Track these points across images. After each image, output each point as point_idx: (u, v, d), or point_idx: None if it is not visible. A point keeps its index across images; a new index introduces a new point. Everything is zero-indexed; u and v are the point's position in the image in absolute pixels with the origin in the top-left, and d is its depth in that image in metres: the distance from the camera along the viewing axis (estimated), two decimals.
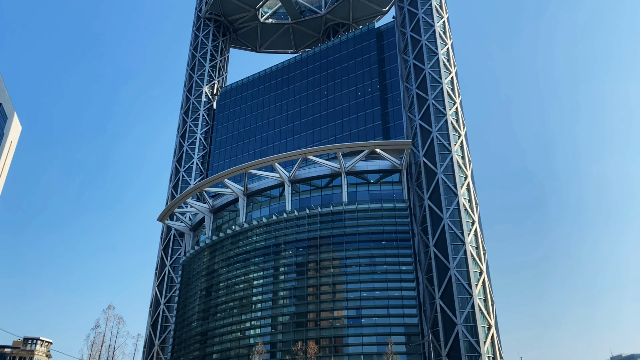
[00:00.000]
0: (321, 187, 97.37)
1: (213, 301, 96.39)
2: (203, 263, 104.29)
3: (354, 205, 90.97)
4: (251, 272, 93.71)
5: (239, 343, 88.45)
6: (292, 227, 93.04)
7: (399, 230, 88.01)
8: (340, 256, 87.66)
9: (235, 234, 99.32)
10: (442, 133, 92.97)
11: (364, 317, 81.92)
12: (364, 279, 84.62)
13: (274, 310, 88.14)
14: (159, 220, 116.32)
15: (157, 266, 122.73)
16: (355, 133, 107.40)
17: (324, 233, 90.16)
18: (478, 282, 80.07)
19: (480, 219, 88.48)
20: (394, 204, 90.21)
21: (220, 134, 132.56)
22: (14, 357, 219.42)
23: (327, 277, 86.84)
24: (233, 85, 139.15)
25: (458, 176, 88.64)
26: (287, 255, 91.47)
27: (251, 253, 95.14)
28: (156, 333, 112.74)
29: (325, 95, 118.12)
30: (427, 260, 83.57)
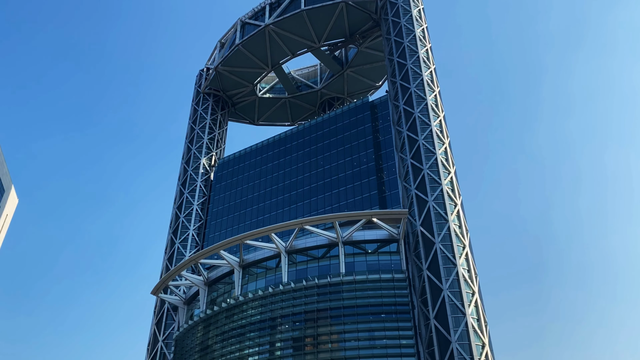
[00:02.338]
0: (318, 258, 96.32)
1: None
2: (197, 338, 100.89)
3: (352, 276, 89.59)
4: (246, 347, 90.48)
5: None
6: (289, 300, 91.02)
7: (398, 302, 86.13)
8: (339, 330, 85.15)
9: (230, 307, 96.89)
10: (439, 202, 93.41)
11: None
12: (363, 354, 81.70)
13: None
14: (152, 294, 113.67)
15: (149, 342, 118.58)
16: (351, 202, 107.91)
17: (322, 306, 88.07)
18: (481, 356, 77.45)
19: (480, 289, 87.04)
20: (393, 274, 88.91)
21: (217, 204, 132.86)
22: None
23: (325, 352, 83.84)
24: (230, 157, 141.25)
25: (456, 246, 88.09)
26: (283, 329, 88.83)
27: (246, 327, 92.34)
28: None
29: (322, 165, 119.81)
30: (428, 334, 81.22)
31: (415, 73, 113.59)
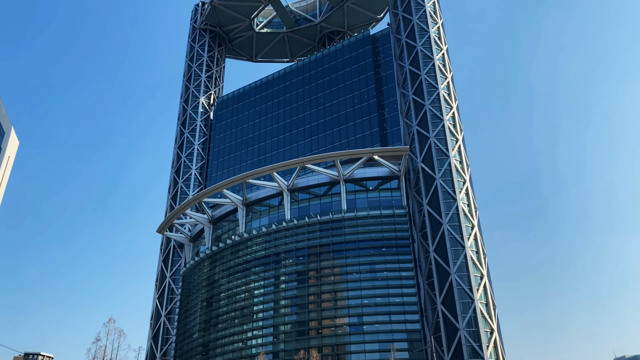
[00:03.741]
0: (320, 195, 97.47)
1: (214, 312, 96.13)
2: (203, 274, 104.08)
3: (353, 212, 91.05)
4: (252, 281, 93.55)
5: (241, 353, 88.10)
6: (292, 236, 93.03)
7: (399, 237, 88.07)
8: (341, 264, 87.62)
9: (235, 244, 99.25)
10: (440, 138, 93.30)
11: (366, 324, 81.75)
12: (364, 285, 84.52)
13: (275, 319, 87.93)
14: (158, 232, 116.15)
15: (157, 278, 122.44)
16: (352, 140, 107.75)
17: (324, 241, 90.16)
18: (479, 287, 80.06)
19: (480, 224, 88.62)
20: (393, 210, 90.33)
21: (218, 144, 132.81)
22: None
23: (328, 284, 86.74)
24: (229, 95, 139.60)
25: (456, 181, 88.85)
26: (287, 264, 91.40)
27: (251, 263, 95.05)
28: (157, 345, 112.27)
29: (322, 103, 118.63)
30: (428, 266, 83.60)
31: (417, 4, 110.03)
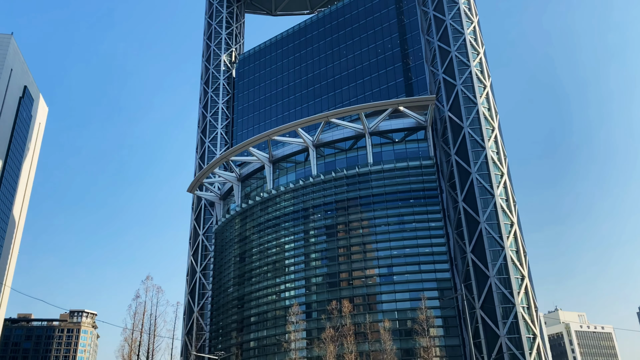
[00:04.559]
0: (346, 150, 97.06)
1: (247, 266, 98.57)
2: (235, 230, 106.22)
3: (380, 165, 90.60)
4: (282, 236, 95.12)
5: (275, 305, 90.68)
6: (319, 191, 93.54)
7: (427, 188, 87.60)
8: (369, 217, 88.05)
9: (264, 200, 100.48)
10: (467, 85, 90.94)
11: (396, 274, 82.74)
12: (393, 237, 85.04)
13: (306, 272, 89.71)
14: (188, 192, 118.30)
15: (190, 236, 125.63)
16: (377, 92, 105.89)
17: (351, 195, 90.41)
18: (509, 234, 79.63)
19: (510, 172, 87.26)
20: (420, 161, 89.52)
21: (242, 102, 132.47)
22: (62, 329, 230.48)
23: (356, 237, 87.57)
24: (251, 52, 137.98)
25: (485, 129, 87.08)
26: (316, 218, 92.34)
27: (281, 218, 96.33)
28: (194, 300, 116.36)
29: (345, 55, 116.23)
30: (457, 216, 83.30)
31: None
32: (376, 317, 79.66)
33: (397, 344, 74.82)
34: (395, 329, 76.94)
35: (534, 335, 73.99)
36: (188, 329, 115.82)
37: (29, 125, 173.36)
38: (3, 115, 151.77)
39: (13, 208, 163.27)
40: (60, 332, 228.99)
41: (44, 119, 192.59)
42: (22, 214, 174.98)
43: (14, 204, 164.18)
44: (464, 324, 76.06)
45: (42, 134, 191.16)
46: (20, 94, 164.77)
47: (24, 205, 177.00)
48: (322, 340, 71.22)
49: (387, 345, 67.76)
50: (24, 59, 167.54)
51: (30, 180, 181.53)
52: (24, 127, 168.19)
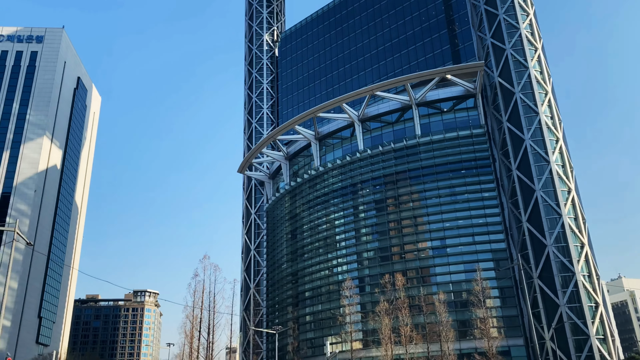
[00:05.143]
0: (392, 123, 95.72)
1: (299, 243, 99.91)
2: (285, 208, 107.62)
3: (428, 136, 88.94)
4: (332, 212, 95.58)
5: (329, 280, 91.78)
6: (367, 166, 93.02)
7: (478, 157, 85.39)
8: (419, 189, 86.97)
9: (312, 177, 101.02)
10: (517, 49, 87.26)
11: (449, 246, 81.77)
12: (445, 209, 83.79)
13: (358, 247, 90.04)
14: (239, 172, 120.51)
15: (243, 215, 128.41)
16: (423, 61, 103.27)
17: (400, 168, 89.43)
18: (567, 201, 76.81)
19: (565, 137, 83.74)
20: (471, 130, 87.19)
21: (286, 80, 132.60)
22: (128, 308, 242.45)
23: (407, 211, 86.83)
24: (292, 29, 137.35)
25: (538, 93, 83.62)
26: (364, 193, 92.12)
27: (329, 195, 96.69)
28: (250, 277, 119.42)
29: (388, 25, 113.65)
30: (511, 185, 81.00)
31: None
32: (430, 290, 79.24)
33: (453, 315, 74.34)
34: (450, 300, 76.42)
35: (596, 304, 71.69)
36: (246, 305, 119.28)
37: (84, 115, 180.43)
38: (60, 106, 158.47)
39: (75, 195, 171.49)
40: (125, 311, 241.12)
41: (98, 108, 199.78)
42: (83, 200, 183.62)
43: (76, 191, 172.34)
44: (521, 294, 74.57)
45: (97, 122, 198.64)
46: (75, 86, 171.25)
47: (85, 192, 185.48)
48: (376, 313, 71.65)
49: (442, 317, 67.45)
50: (75, 51, 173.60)
51: (89, 168, 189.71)
52: (80, 117, 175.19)
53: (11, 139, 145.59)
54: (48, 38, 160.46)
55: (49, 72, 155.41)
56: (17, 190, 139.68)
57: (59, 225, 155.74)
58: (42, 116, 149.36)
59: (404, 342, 66.62)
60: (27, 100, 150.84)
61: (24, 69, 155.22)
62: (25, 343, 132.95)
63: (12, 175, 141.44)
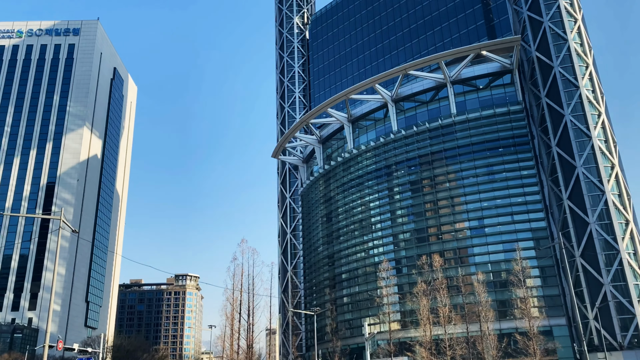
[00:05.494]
0: (426, 102, 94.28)
1: (334, 226, 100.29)
2: (320, 192, 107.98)
3: (464, 115, 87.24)
4: (366, 195, 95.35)
5: (365, 262, 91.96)
6: (401, 147, 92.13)
7: (516, 135, 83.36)
8: (455, 169, 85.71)
9: (346, 160, 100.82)
10: (555, 21, 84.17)
11: (487, 226, 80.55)
12: (483, 189, 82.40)
13: (394, 228, 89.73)
14: (273, 157, 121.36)
15: (278, 199, 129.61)
16: (457, 38, 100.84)
17: (435, 148, 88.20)
18: (610, 177, 74.37)
19: (608, 111, 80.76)
20: (508, 107, 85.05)
21: (317, 63, 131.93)
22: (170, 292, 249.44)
23: (443, 191, 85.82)
24: (322, 11, 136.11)
25: (578, 66, 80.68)
26: (399, 175, 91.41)
27: (364, 177, 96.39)
28: (287, 260, 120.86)
29: (420, 2, 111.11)
30: (551, 162, 78.90)
31: None
32: (469, 270, 78.48)
33: (492, 295, 73.52)
34: (489, 281, 75.56)
35: None
36: (284, 287, 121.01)
37: (121, 105, 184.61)
38: (98, 97, 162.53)
39: (116, 183, 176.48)
40: (168, 295, 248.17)
41: (134, 97, 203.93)
42: (124, 188, 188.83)
43: (116, 179, 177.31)
44: (562, 273, 73.06)
45: (134, 111, 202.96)
46: (111, 76, 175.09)
47: (125, 180, 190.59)
48: (414, 294, 71.53)
49: (481, 297, 66.78)
50: (110, 42, 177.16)
51: (129, 156, 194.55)
52: (117, 107, 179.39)
53: (53, 131, 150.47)
54: (84, 30, 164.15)
55: (87, 64, 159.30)
56: (61, 180, 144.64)
57: (102, 213, 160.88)
58: (82, 107, 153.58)
59: (443, 322, 66.36)
60: (67, 92, 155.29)
61: (63, 62, 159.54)
62: (75, 326, 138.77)
63: (56, 165, 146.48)
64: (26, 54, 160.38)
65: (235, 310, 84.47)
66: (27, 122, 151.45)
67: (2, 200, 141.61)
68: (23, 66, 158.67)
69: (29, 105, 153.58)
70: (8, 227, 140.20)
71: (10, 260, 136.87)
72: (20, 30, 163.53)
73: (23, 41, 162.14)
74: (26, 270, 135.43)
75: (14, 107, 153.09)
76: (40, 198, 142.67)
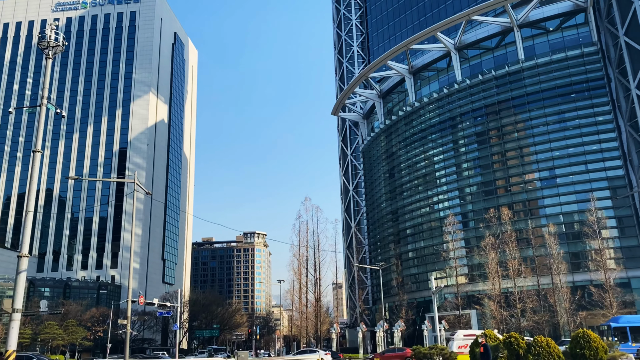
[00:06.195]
0: (492, 48, 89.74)
1: (397, 181, 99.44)
2: (381, 147, 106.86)
3: (533, 60, 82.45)
4: (430, 149, 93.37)
5: (430, 217, 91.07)
6: (466, 97, 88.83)
7: (591, 78, 78.06)
8: (524, 118, 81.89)
9: (408, 114, 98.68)
10: None
11: (559, 176, 77.07)
12: (554, 137, 78.44)
13: (459, 182, 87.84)
14: (333, 114, 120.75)
15: (339, 157, 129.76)
16: None
17: (502, 97, 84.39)
18: None
19: None
20: (582, 49, 79.46)
21: (375, 14, 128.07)
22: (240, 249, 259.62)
23: (512, 142, 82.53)
24: None
25: None
26: (464, 127, 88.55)
27: (427, 130, 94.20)
28: (350, 216, 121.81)
29: None
30: (630, 105, 73.47)
31: None
32: (539, 222, 75.89)
33: (565, 247, 71.06)
34: (561, 232, 72.82)
35: None
36: (348, 243, 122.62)
37: (184, 69, 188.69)
38: (161, 62, 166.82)
39: (183, 146, 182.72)
40: (238, 252, 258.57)
41: (195, 61, 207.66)
42: (191, 150, 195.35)
43: (183, 142, 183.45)
44: None
45: (196, 75, 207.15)
46: (172, 41, 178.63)
47: (192, 143, 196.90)
48: (482, 248, 70.32)
49: (553, 249, 64.71)
50: (169, 6, 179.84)
51: (193, 119, 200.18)
52: (180, 72, 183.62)
53: (121, 98, 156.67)
54: None
55: (148, 30, 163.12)
56: (132, 145, 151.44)
57: (172, 175, 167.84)
58: (146, 73, 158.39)
59: (512, 275, 65.10)
60: (132, 59, 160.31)
61: (126, 30, 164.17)
62: (153, 282, 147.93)
63: (126, 131, 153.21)
64: (92, 24, 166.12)
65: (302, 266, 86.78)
66: (97, 91, 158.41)
67: (80, 167, 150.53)
68: (90, 36, 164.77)
69: (97, 74, 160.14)
70: (87, 192, 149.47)
71: (91, 222, 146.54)
72: (84, 1, 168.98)
73: (88, 12, 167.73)
74: (106, 232, 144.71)
75: (84, 77, 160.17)
76: (114, 163, 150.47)
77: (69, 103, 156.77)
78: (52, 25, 29.67)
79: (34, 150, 34.42)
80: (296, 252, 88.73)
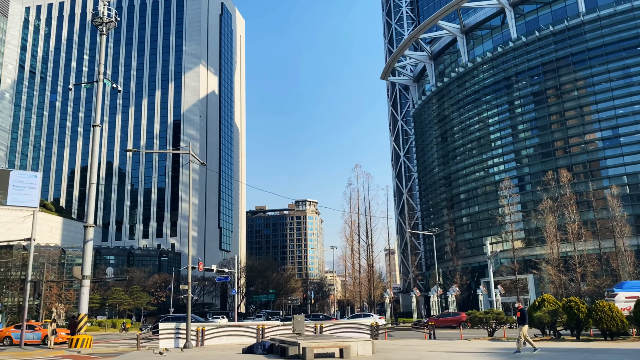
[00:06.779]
0: (549, 2, 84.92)
1: (450, 145, 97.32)
2: (433, 111, 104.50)
3: (595, 13, 77.51)
4: (484, 111, 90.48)
5: (485, 181, 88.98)
6: (522, 56, 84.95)
7: None
8: (585, 75, 77.65)
9: (460, 75, 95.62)
10: None
11: (623, 135, 73.18)
12: (617, 94, 74.19)
13: (515, 144, 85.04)
14: (382, 79, 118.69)
15: (389, 122, 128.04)
16: None
17: (561, 54, 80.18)
18: None
19: None
20: None
21: None
22: (292, 217, 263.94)
23: (571, 101, 78.69)
24: None
25: None
26: (520, 86, 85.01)
27: (480, 92, 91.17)
28: (402, 183, 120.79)
29: None
30: None
31: None
32: (600, 184, 72.69)
33: (629, 210, 67.89)
34: (624, 194, 69.46)
35: None
36: (400, 209, 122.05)
37: (232, 40, 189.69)
38: (210, 34, 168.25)
39: (234, 117, 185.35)
40: (290, 220, 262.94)
41: (243, 31, 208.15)
42: (242, 120, 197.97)
43: (234, 113, 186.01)
44: None
45: (244, 45, 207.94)
46: (220, 12, 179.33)
47: (242, 113, 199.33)
48: (539, 211, 68.25)
49: (616, 211, 61.95)
50: None
51: (243, 90, 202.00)
52: (228, 42, 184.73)
53: (173, 71, 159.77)
54: None
55: (196, 2, 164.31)
56: (185, 117, 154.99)
57: (224, 146, 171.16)
58: (196, 45, 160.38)
59: (572, 239, 62.97)
60: (181, 32, 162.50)
61: (175, 2, 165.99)
62: (211, 250, 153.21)
63: (179, 104, 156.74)
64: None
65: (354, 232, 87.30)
66: (149, 65, 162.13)
67: (137, 139, 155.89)
68: (140, 11, 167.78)
69: (149, 48, 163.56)
70: (145, 164, 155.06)
71: (150, 193, 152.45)
72: None
73: None
74: (165, 202, 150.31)
75: (137, 52, 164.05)
76: (169, 135, 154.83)
77: (123, 78, 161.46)
78: (105, 1, 30.32)
79: (94, 125, 35.81)
80: (347, 219, 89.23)
